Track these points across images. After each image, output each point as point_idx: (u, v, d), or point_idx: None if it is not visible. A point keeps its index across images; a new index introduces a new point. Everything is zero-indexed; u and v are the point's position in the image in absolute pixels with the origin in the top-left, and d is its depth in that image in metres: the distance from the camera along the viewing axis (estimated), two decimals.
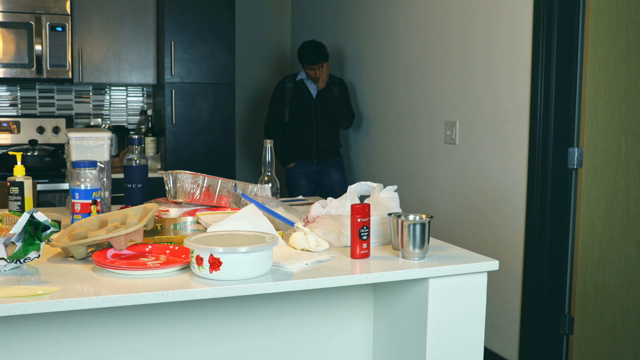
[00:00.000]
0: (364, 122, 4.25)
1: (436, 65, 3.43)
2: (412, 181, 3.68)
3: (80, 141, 2.23)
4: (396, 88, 3.83)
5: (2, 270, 1.56)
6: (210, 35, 4.16)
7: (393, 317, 1.85)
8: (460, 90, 3.25)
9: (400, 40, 3.76)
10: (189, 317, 1.80)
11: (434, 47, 3.45)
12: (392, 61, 3.86)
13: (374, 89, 4.10)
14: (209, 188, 2.17)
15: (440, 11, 3.38)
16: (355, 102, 4.35)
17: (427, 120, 3.53)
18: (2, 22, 4.04)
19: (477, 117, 3.13)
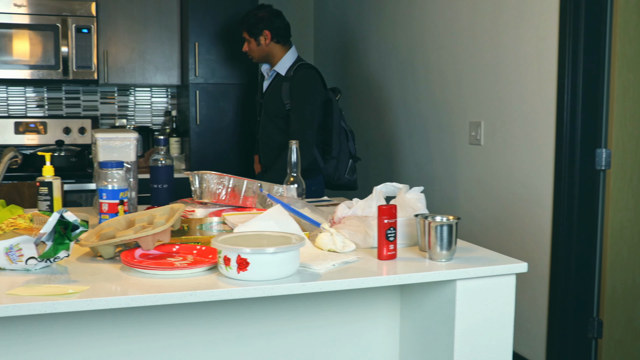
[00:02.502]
0: (387, 122, 4.24)
1: (461, 66, 3.41)
2: (436, 182, 3.66)
3: (107, 142, 2.24)
4: (420, 88, 3.81)
5: (32, 269, 1.57)
6: (234, 35, 4.17)
7: (420, 319, 1.84)
8: (486, 91, 3.22)
9: (426, 41, 3.74)
10: (214, 317, 1.80)
11: (459, 48, 3.43)
12: (416, 61, 3.85)
13: (398, 89, 4.09)
14: (235, 188, 2.18)
15: (467, 11, 3.36)
16: (379, 102, 4.33)
17: (451, 121, 3.51)
18: (29, 25, 4.09)
19: (503, 117, 3.11)
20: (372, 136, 4.47)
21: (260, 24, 3.38)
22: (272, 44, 3.39)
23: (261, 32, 3.38)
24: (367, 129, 4.46)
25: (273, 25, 3.38)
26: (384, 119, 4.28)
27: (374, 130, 4.42)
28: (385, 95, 4.26)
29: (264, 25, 3.37)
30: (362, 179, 4.51)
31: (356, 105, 4.61)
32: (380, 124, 4.32)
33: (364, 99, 4.51)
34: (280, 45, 3.40)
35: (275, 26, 3.38)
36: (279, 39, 3.39)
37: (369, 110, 4.45)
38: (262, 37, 3.38)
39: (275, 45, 3.39)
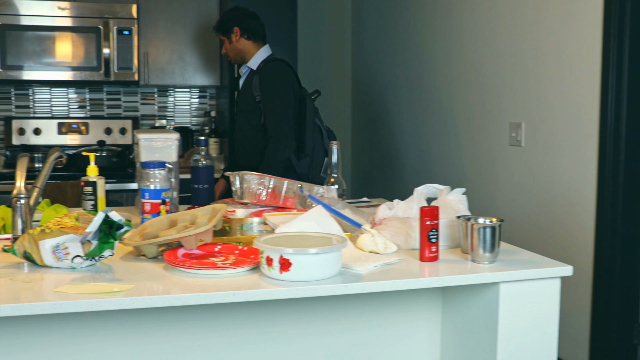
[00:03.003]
0: (426, 122, 4.21)
1: (501, 67, 3.37)
2: (475, 183, 3.63)
3: (149, 142, 2.26)
4: (459, 89, 3.78)
5: (78, 267, 1.59)
6: (273, 36, 4.18)
7: (462, 322, 1.82)
8: (526, 91, 3.18)
9: (465, 41, 3.71)
10: (253, 317, 1.80)
11: (499, 48, 3.39)
12: (455, 62, 3.82)
13: (436, 89, 4.06)
14: (275, 189, 2.18)
15: (507, 11, 3.32)
16: (417, 103, 4.30)
17: (491, 121, 3.47)
18: (72, 27, 4.15)
19: (544, 118, 3.07)
20: (408, 137, 4.45)
21: (230, 22, 3.41)
22: (243, 41, 3.39)
23: (231, 29, 3.40)
24: (403, 130, 4.44)
25: (242, 22, 3.39)
26: (421, 120, 4.26)
27: (410, 131, 4.39)
28: (424, 94, 4.24)
29: (234, 22, 3.39)
30: (399, 180, 4.49)
31: (393, 106, 4.59)
32: (417, 125, 4.30)
33: (402, 100, 4.49)
34: (251, 42, 3.40)
35: (244, 24, 3.39)
36: (249, 36, 3.39)
37: (405, 111, 4.43)
38: (233, 34, 3.40)
39: (246, 42, 3.40)
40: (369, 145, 5.06)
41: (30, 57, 4.13)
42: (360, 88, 5.21)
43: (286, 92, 3.21)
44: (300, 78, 4.55)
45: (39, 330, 1.65)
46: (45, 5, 4.12)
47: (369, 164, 5.09)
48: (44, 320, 1.64)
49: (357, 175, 5.30)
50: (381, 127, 4.82)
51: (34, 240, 1.59)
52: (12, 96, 4.57)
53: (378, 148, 4.89)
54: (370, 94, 5.00)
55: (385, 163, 4.77)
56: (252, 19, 3.43)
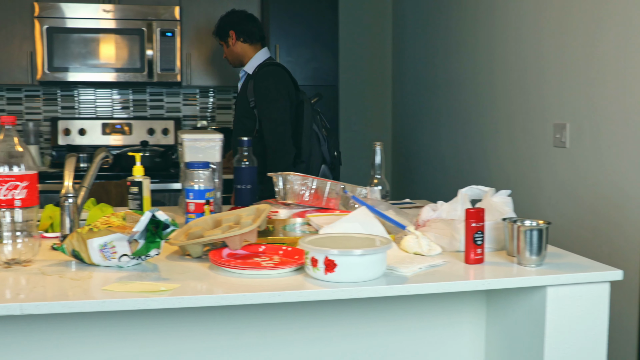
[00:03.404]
0: (466, 123, 4.17)
1: (547, 67, 3.33)
2: (516, 185, 3.58)
3: (193, 142, 2.28)
4: (502, 89, 3.74)
5: (124, 266, 1.61)
6: (314, 38, 4.20)
7: (507, 326, 1.80)
8: (572, 91, 3.13)
9: (509, 41, 3.67)
10: (296, 318, 1.80)
11: (544, 48, 3.34)
12: (498, 62, 3.78)
13: (477, 89, 4.02)
14: (318, 190, 2.18)
15: (555, 10, 3.27)
16: (458, 103, 4.27)
17: (534, 122, 3.42)
18: (116, 29, 4.21)
19: (592, 119, 3.01)
20: (448, 138, 4.42)
21: (226, 26, 3.40)
22: (239, 44, 3.37)
23: (227, 33, 3.39)
24: (443, 131, 4.41)
25: (238, 26, 3.37)
26: (461, 121, 4.22)
27: (450, 132, 4.36)
28: (465, 95, 4.20)
29: (229, 26, 3.38)
30: (439, 181, 4.46)
31: (433, 106, 4.56)
32: (457, 126, 4.26)
33: (442, 101, 4.45)
34: (248, 45, 3.37)
35: (240, 26, 3.37)
36: (245, 39, 3.37)
37: (445, 112, 4.40)
38: (229, 38, 3.39)
39: (243, 45, 3.37)
40: (409, 146, 5.04)
41: (75, 59, 4.20)
42: (400, 88, 5.19)
43: (281, 98, 3.17)
44: (340, 79, 4.56)
45: (85, 326, 1.68)
46: (91, 8, 4.19)
47: (409, 165, 5.06)
48: (91, 317, 1.66)
49: (398, 176, 5.27)
50: (421, 127, 4.80)
51: (82, 239, 1.61)
52: (58, 97, 4.66)
53: (418, 149, 4.87)
54: (410, 94, 4.98)
55: (425, 164, 4.74)
56: (248, 21, 3.40)
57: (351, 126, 5.31)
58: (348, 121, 5.29)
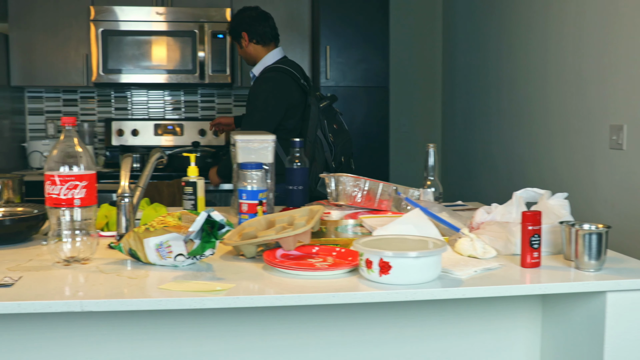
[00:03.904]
0: (518, 125, 4.11)
1: (602, 67, 3.26)
2: (571, 188, 3.51)
3: (246, 143, 2.29)
4: (556, 91, 3.68)
5: (180, 265, 1.63)
6: (364, 39, 4.19)
7: (564, 333, 1.76)
8: (628, 93, 3.06)
9: (565, 40, 3.60)
10: (347, 319, 1.80)
11: (602, 50, 3.27)
12: (553, 63, 3.71)
13: (530, 91, 3.96)
14: (370, 191, 2.17)
15: (614, 10, 3.20)
16: (509, 105, 4.21)
17: (589, 124, 3.35)
18: (168, 31, 4.27)
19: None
20: (499, 140, 4.36)
21: (239, 27, 3.34)
22: (252, 45, 3.33)
23: (240, 34, 3.34)
24: (494, 133, 4.35)
25: (250, 27, 3.31)
26: (513, 122, 4.16)
27: (501, 133, 4.30)
28: (514, 97, 4.14)
29: (242, 27, 3.33)
30: (490, 183, 4.40)
31: (484, 108, 4.51)
32: (509, 128, 4.20)
33: (493, 102, 4.40)
34: (261, 47, 3.33)
35: (252, 27, 3.31)
36: (258, 40, 3.32)
37: (496, 114, 4.34)
38: (242, 39, 3.34)
39: (255, 46, 3.33)
40: (460, 147, 4.99)
41: (129, 61, 4.27)
42: (450, 89, 5.14)
43: (267, 106, 3.15)
44: (391, 80, 4.54)
45: (140, 323, 1.70)
46: (144, 11, 4.26)
47: (459, 167, 5.02)
48: (144, 314, 1.69)
49: (447, 177, 5.23)
50: (471, 129, 4.75)
51: (138, 238, 1.63)
52: (112, 98, 4.74)
53: (469, 150, 4.82)
54: (460, 95, 4.93)
55: (475, 166, 4.69)
56: (261, 21, 3.35)
57: (400, 128, 5.29)
58: (397, 123, 5.26)
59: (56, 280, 1.54)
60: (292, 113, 3.20)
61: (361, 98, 4.20)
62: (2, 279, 1.53)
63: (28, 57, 4.32)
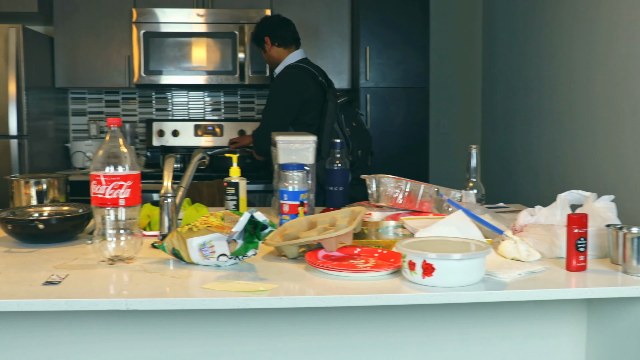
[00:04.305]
0: (560, 126, 4.05)
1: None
2: (616, 190, 3.45)
3: (287, 144, 2.30)
4: (601, 90, 3.61)
5: (222, 265, 1.64)
6: (405, 40, 4.17)
7: (610, 338, 1.73)
8: None
9: (613, 38, 3.54)
10: (388, 321, 1.79)
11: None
12: (598, 61, 3.65)
13: (574, 90, 3.90)
14: (411, 192, 2.16)
15: None
16: (552, 105, 4.15)
17: (636, 124, 3.29)
18: (209, 33, 4.31)
19: None
20: (541, 141, 4.30)
21: (261, 32, 3.60)
22: (275, 49, 3.59)
23: (262, 39, 3.59)
24: (535, 133, 4.29)
25: (272, 31, 3.57)
26: (555, 123, 4.10)
27: (543, 134, 4.24)
28: (557, 97, 4.08)
29: (264, 32, 3.58)
30: (532, 185, 4.35)
31: (525, 108, 4.45)
32: (551, 128, 4.14)
33: (534, 102, 4.34)
34: (283, 49, 3.58)
35: (274, 32, 3.57)
36: (280, 43, 3.57)
37: (537, 114, 4.29)
38: (265, 44, 3.60)
39: (278, 49, 3.59)
40: (500, 148, 4.93)
41: (170, 63, 4.32)
42: (490, 90, 5.09)
43: (282, 98, 3.40)
44: (431, 80, 4.52)
45: (182, 323, 1.72)
46: (184, 13, 4.30)
47: (499, 168, 4.96)
48: (186, 314, 1.70)
49: (487, 179, 5.17)
50: (512, 130, 4.69)
51: (182, 238, 1.65)
52: (153, 99, 4.80)
53: (509, 152, 4.76)
54: (501, 96, 4.88)
55: (516, 167, 4.63)
56: (282, 26, 3.60)
57: (439, 129, 5.25)
58: (436, 124, 5.23)
59: (101, 278, 1.56)
60: (309, 107, 3.42)
61: (401, 99, 4.18)
62: (50, 276, 1.55)
63: (72, 59, 4.40)
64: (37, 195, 2.23)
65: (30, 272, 1.60)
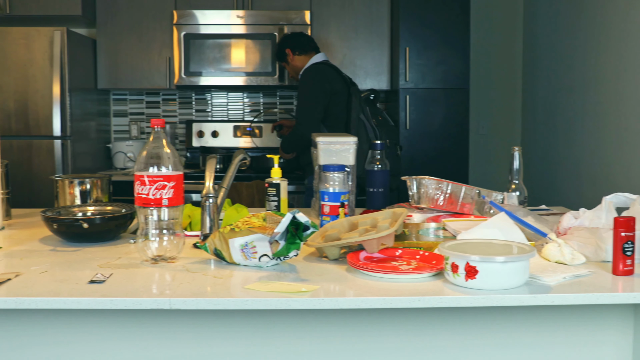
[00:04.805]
0: (604, 126, 3.98)
1: None
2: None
3: (327, 145, 2.30)
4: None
5: (264, 266, 1.64)
6: (444, 41, 4.15)
7: None
8: None
9: None
10: (428, 324, 1.78)
11: None
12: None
13: (619, 91, 3.83)
14: (452, 194, 2.14)
15: None
16: (596, 105, 4.08)
17: None
18: (248, 34, 4.33)
19: None
20: (584, 142, 4.23)
21: (281, 47, 3.85)
22: (296, 57, 3.81)
23: (284, 52, 3.83)
24: (578, 135, 4.23)
25: (291, 42, 3.80)
26: (599, 124, 4.03)
27: (586, 135, 4.17)
28: (602, 98, 4.01)
29: (285, 45, 3.82)
30: (574, 187, 4.28)
31: (567, 108, 4.39)
32: (594, 129, 4.07)
33: (577, 102, 4.28)
34: (304, 56, 3.79)
35: (292, 42, 3.80)
36: (300, 51, 3.79)
37: (580, 114, 4.22)
38: (287, 56, 3.82)
39: (299, 57, 3.80)
40: (541, 150, 4.87)
41: (209, 64, 4.36)
42: (531, 90, 5.03)
43: (312, 90, 3.57)
44: (472, 80, 4.49)
45: (222, 323, 1.72)
46: (224, 15, 4.33)
47: (540, 170, 4.90)
48: (224, 314, 1.71)
49: (528, 181, 5.11)
50: (554, 131, 4.63)
51: (224, 238, 1.66)
52: (193, 101, 4.84)
53: (550, 153, 4.70)
54: (542, 96, 4.81)
55: (558, 169, 4.57)
56: (298, 36, 3.86)
57: (479, 130, 5.21)
58: (476, 125, 5.18)
59: (144, 278, 1.58)
60: (336, 100, 3.59)
61: (440, 100, 4.16)
62: (95, 275, 1.58)
63: (114, 60, 4.46)
64: (81, 195, 2.27)
65: (75, 271, 1.63)
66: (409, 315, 1.76)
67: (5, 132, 3.91)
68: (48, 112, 3.99)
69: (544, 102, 4.78)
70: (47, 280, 1.55)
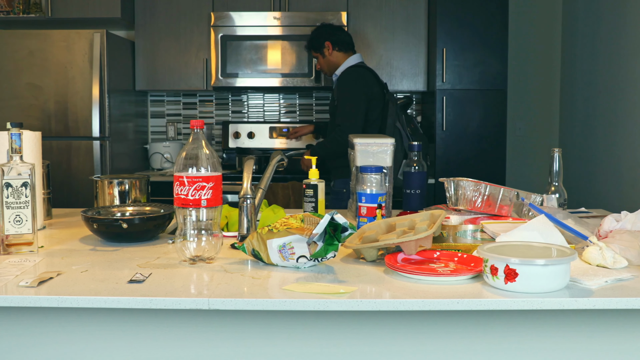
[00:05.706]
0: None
1: None
2: None
3: (365, 147, 2.30)
4: None
5: (302, 267, 1.65)
6: (482, 41, 4.11)
7: None
8: None
9: None
10: (464, 326, 1.76)
11: None
12: None
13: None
14: (490, 196, 2.12)
15: None
16: (634, 105, 4.01)
17: None
18: (284, 36, 4.34)
19: None
20: (625, 144, 4.16)
21: (320, 37, 3.74)
22: (335, 53, 3.73)
23: (323, 44, 3.73)
24: (619, 137, 4.16)
25: (333, 36, 3.71)
26: (627, 124, 3.96)
27: (628, 137, 4.10)
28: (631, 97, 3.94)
29: (324, 37, 3.72)
30: (614, 189, 4.21)
31: (607, 110, 4.32)
32: (636, 130, 4.00)
33: (618, 103, 4.20)
34: (342, 53, 3.73)
35: (334, 37, 3.71)
36: (340, 48, 3.72)
37: (622, 116, 4.15)
38: (325, 49, 3.73)
39: (338, 53, 3.73)
40: (580, 151, 4.80)
41: (246, 65, 4.38)
42: (570, 92, 4.96)
43: (354, 95, 3.51)
44: (509, 81, 4.44)
45: (258, 323, 1.73)
46: (261, 16, 4.35)
47: (579, 172, 4.83)
48: (261, 315, 1.71)
49: (566, 183, 5.04)
50: (593, 132, 4.56)
51: (262, 239, 1.66)
52: (229, 102, 4.87)
53: (589, 155, 4.63)
54: (581, 98, 4.74)
55: (597, 171, 4.50)
56: (340, 31, 3.78)
57: (516, 131, 5.15)
58: (513, 126, 5.13)
59: (183, 278, 1.59)
60: (374, 105, 3.56)
61: (477, 101, 4.12)
62: (134, 275, 1.59)
63: (152, 62, 4.51)
64: (120, 195, 2.29)
65: (114, 270, 1.65)
66: (446, 318, 1.74)
67: (46, 133, 3.98)
68: (87, 114, 4.05)
69: (584, 104, 4.71)
70: (87, 279, 1.57)
